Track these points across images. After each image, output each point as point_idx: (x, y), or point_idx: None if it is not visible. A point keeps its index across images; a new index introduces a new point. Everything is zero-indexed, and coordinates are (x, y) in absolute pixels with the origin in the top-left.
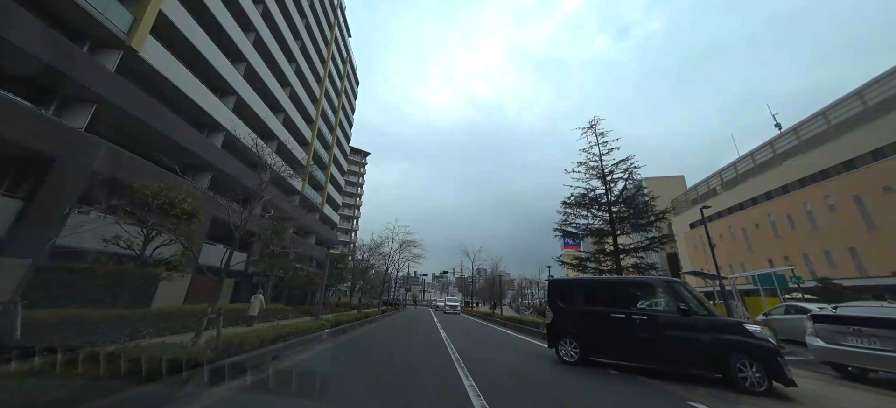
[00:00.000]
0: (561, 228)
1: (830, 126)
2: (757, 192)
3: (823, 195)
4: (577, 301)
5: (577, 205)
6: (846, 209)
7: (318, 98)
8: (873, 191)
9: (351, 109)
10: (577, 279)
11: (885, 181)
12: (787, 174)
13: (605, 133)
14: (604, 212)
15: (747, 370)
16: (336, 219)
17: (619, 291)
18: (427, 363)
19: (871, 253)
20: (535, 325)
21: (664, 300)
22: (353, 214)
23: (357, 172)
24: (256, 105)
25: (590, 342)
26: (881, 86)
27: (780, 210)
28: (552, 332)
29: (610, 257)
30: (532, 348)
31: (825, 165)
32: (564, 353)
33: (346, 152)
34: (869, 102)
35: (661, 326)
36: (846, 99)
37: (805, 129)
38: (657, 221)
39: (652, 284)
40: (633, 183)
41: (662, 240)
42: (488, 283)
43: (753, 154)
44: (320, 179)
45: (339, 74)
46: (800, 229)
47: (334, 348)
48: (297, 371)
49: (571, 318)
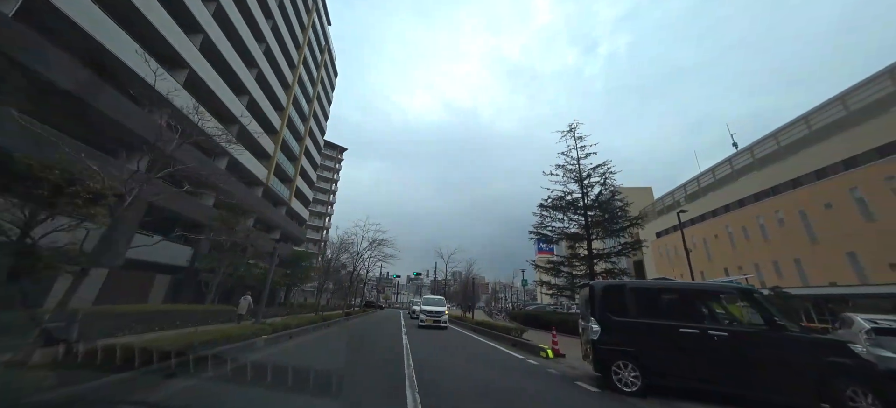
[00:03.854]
0: (537, 231)
1: (780, 147)
2: (717, 204)
3: (774, 210)
4: (631, 312)
5: (553, 208)
6: (793, 223)
7: (291, 85)
8: (816, 207)
9: (327, 101)
10: (630, 284)
11: (826, 199)
12: (744, 189)
13: (584, 137)
14: (579, 216)
15: (861, 400)
16: (306, 215)
17: (687, 299)
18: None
19: (812, 264)
20: (506, 330)
21: (744, 312)
22: (325, 211)
23: (332, 168)
24: (214, 83)
25: (653, 366)
26: (823, 113)
27: (737, 222)
28: (601, 353)
29: (583, 262)
30: (513, 361)
31: (776, 181)
32: (621, 380)
33: (320, 146)
34: (813, 126)
35: (749, 344)
36: (794, 123)
37: (758, 148)
38: (631, 227)
39: (727, 293)
40: (608, 188)
41: (635, 246)
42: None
43: (714, 169)
44: (289, 171)
45: (316, 63)
46: (753, 241)
47: (259, 362)
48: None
49: (628, 334)
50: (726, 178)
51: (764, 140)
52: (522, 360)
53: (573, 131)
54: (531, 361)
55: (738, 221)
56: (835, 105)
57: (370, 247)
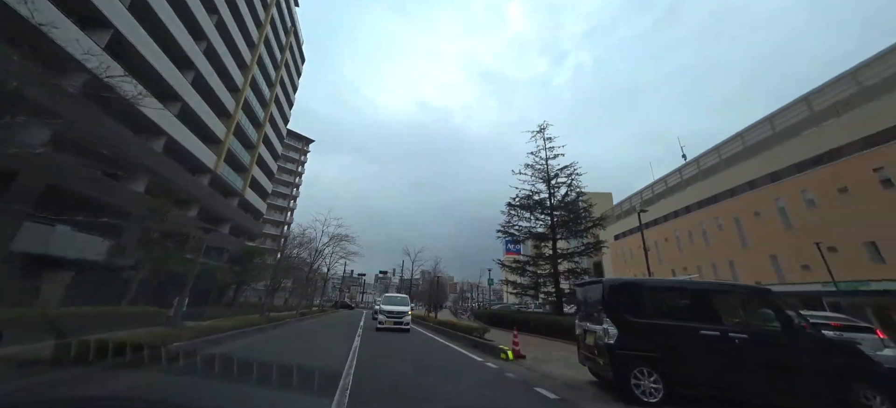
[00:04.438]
0: (504, 230)
1: (721, 160)
2: (668, 210)
3: (714, 216)
4: (649, 313)
5: (521, 207)
6: (729, 229)
7: (249, 65)
8: (748, 215)
9: (292, 88)
10: (646, 282)
11: (756, 208)
12: (690, 197)
13: (552, 139)
14: (546, 216)
15: (873, 403)
16: (263, 208)
17: (705, 299)
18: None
19: (743, 265)
20: (468, 330)
21: (760, 314)
22: (288, 205)
23: (296, 160)
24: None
25: (675, 372)
26: (754, 131)
27: (684, 227)
28: (620, 359)
29: (548, 261)
30: (470, 365)
31: (716, 191)
32: (642, 389)
33: (283, 135)
34: (747, 142)
35: (770, 348)
36: (731, 139)
37: (704, 160)
38: (593, 227)
39: (742, 293)
40: (574, 189)
41: (596, 246)
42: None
43: (666, 178)
44: (244, 159)
45: (280, 45)
46: (697, 244)
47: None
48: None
49: (647, 337)
50: (676, 186)
51: (707, 153)
52: (481, 363)
53: (543, 132)
54: (490, 364)
55: (684, 226)
56: (764, 125)
57: (331, 242)
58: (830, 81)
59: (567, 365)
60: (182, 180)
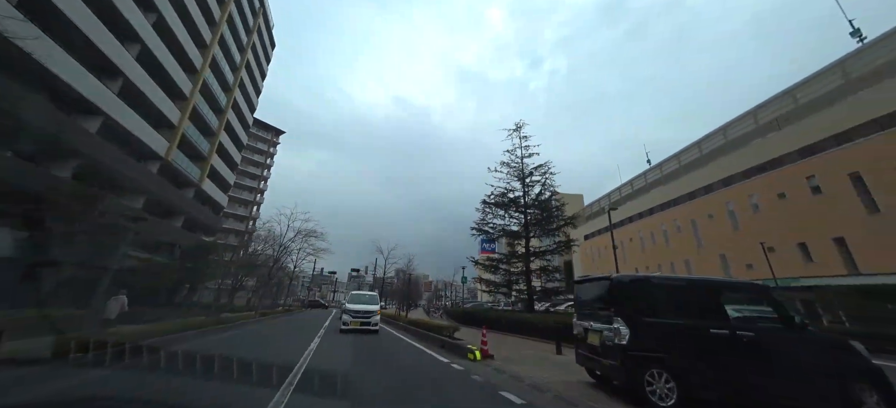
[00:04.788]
0: (479, 227)
1: (681, 165)
2: (632, 212)
3: (673, 219)
4: (660, 312)
5: (496, 205)
6: (687, 230)
7: (208, 44)
8: (702, 217)
9: (261, 75)
10: (655, 279)
11: (709, 211)
12: (653, 200)
13: (528, 137)
14: (520, 214)
15: (869, 401)
16: (224, 201)
17: (712, 297)
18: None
19: (697, 264)
20: (438, 329)
21: (760, 312)
22: (254, 199)
23: (264, 152)
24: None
25: (687, 374)
26: (710, 140)
27: (647, 228)
28: (634, 361)
29: (521, 259)
30: (435, 367)
31: (677, 194)
32: (655, 392)
33: (248, 124)
34: (703, 150)
35: (775, 347)
36: (690, 147)
37: (666, 165)
38: (565, 226)
39: (745, 289)
40: (548, 188)
41: (568, 245)
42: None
43: (632, 182)
44: (202, 147)
45: (246, 27)
46: (658, 244)
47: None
48: None
49: (659, 337)
50: (640, 190)
51: (669, 160)
52: (446, 364)
53: (519, 130)
54: (456, 365)
55: (647, 228)
56: (718, 135)
57: (298, 238)
58: (773, 98)
59: (537, 365)
60: (123, 167)
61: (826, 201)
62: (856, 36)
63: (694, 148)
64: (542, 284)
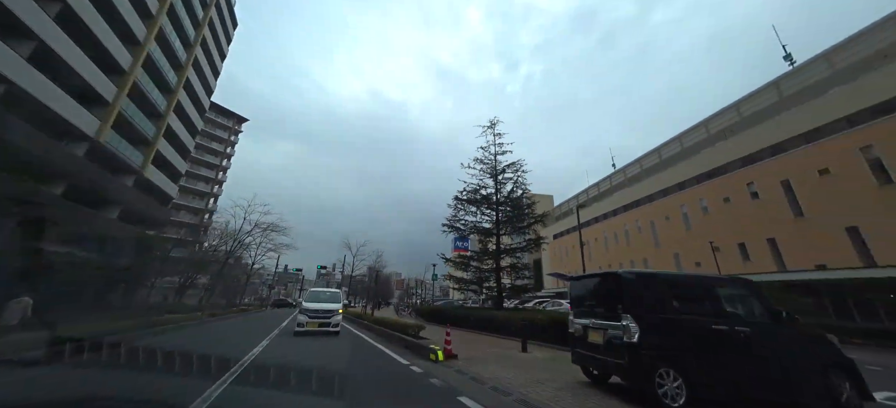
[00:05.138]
0: (450, 224)
1: (642, 170)
2: (598, 213)
3: (635, 219)
4: (666, 308)
5: (468, 201)
6: (646, 230)
7: (155, 15)
8: (660, 219)
9: (220, 55)
10: (660, 275)
11: (666, 213)
12: (617, 202)
13: (502, 135)
14: (491, 211)
15: (845, 391)
16: (173, 191)
17: (713, 293)
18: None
19: (654, 262)
20: (404, 328)
21: (752, 307)
22: (212, 190)
23: (224, 140)
24: None
25: (695, 372)
26: (667, 147)
27: (610, 229)
28: (645, 360)
29: (491, 256)
30: (393, 370)
31: (638, 197)
32: (666, 392)
33: (204, 107)
34: (662, 156)
35: (769, 341)
36: (650, 153)
37: (629, 169)
38: (535, 223)
39: (736, 284)
40: (520, 186)
41: (537, 242)
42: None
43: (599, 184)
44: (147, 130)
45: (203, 1)
46: (621, 244)
47: None
48: None
49: (668, 335)
50: (606, 192)
51: (632, 164)
52: (405, 366)
53: (493, 127)
54: (415, 368)
55: (611, 228)
56: (674, 143)
57: (257, 232)
58: (721, 110)
59: (501, 365)
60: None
61: (762, 206)
62: (788, 60)
63: (654, 154)
64: (512, 281)
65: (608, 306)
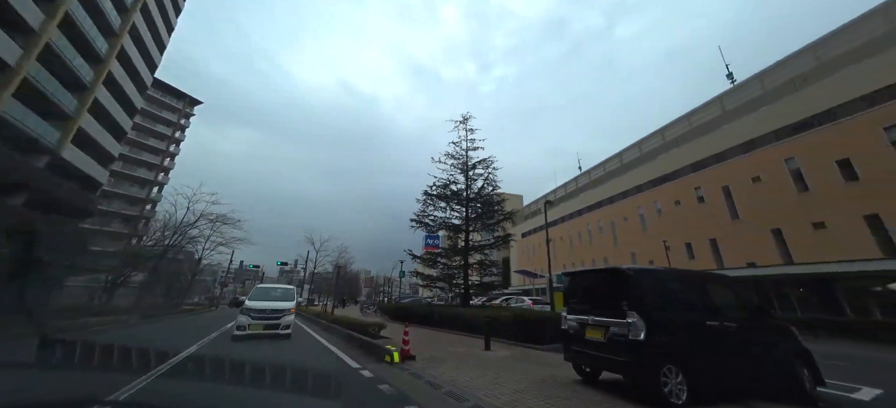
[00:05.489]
0: (418, 219)
1: (605, 172)
2: (564, 213)
3: (597, 219)
4: (668, 306)
5: (438, 196)
6: (607, 230)
7: None
8: (620, 219)
9: (167, 27)
10: (660, 271)
11: (625, 214)
12: (581, 203)
13: (474, 131)
14: (461, 207)
15: (806, 377)
16: (102, 177)
17: (705, 289)
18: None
19: (614, 260)
20: (363, 328)
21: (733, 301)
22: (155, 177)
23: (173, 123)
24: None
25: (696, 369)
26: (628, 152)
27: (575, 228)
28: (651, 359)
29: (460, 253)
30: (340, 375)
31: (601, 198)
32: (674, 392)
33: (145, 84)
34: (624, 160)
35: (751, 335)
36: (613, 157)
37: (594, 172)
38: (504, 220)
39: (721, 280)
40: (490, 183)
41: (506, 239)
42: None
43: (565, 186)
44: (67, 105)
45: None
46: (584, 243)
47: None
48: None
49: (670, 332)
50: (571, 193)
51: (596, 167)
52: (356, 370)
53: (465, 122)
54: (366, 372)
55: (575, 227)
56: (634, 148)
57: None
58: (675, 120)
59: (460, 366)
60: None
61: (707, 209)
62: (730, 78)
63: (616, 158)
64: (480, 278)
65: (610, 302)
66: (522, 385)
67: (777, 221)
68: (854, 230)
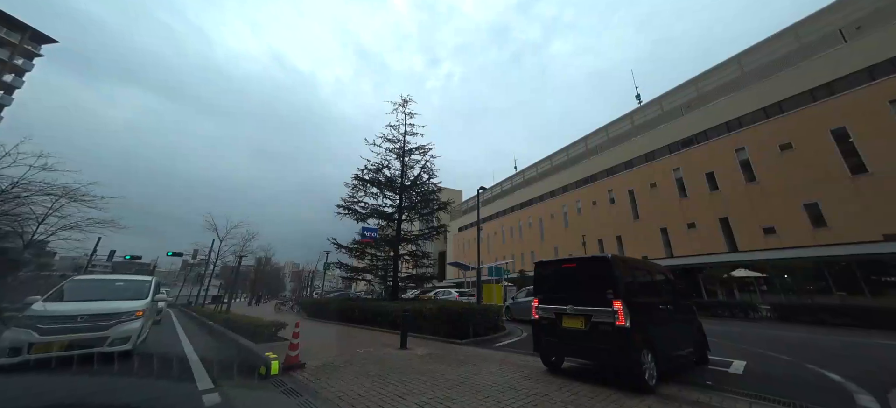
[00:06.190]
0: (346, 205)
1: (538, 173)
2: (498, 210)
3: (528, 216)
4: (639, 293)
5: (370, 181)
6: (535, 227)
7: None
8: (547, 217)
9: None
10: (631, 261)
11: (551, 211)
12: (515, 200)
13: (414, 115)
14: (395, 194)
15: (705, 345)
16: None
17: (654, 276)
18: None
19: (540, 254)
20: (254, 330)
21: (670, 287)
22: None
23: None
24: None
25: (660, 351)
26: (558, 156)
27: (508, 224)
28: (633, 343)
29: (390, 243)
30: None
31: (532, 196)
32: (648, 372)
33: None
34: (554, 162)
35: (679, 314)
36: (544, 160)
37: (528, 172)
38: (439, 210)
39: (661, 269)
40: (427, 172)
41: (439, 230)
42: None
43: (501, 184)
44: None
45: None
46: (515, 238)
47: None
48: None
49: (642, 316)
50: (508, 191)
51: (529, 168)
52: (199, 394)
53: (405, 105)
54: (216, 395)
55: (508, 223)
56: (562, 153)
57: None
58: (597, 130)
59: (362, 373)
60: None
61: (616, 209)
62: (637, 99)
63: (546, 161)
64: (412, 270)
65: (593, 291)
66: (426, 397)
67: (664, 222)
68: (712, 230)
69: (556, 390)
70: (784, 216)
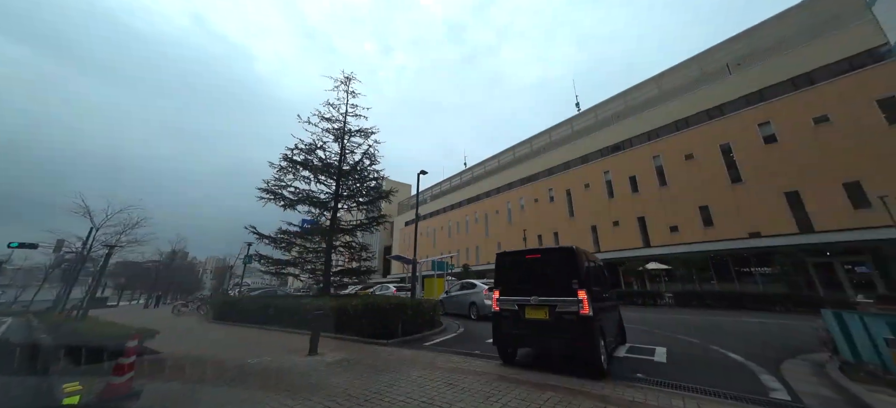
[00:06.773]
0: (272, 189)
1: (485, 171)
2: (445, 205)
3: (474, 212)
4: (593, 282)
5: (302, 164)
6: (481, 222)
7: None
8: (491, 212)
9: None
10: (584, 251)
11: (496, 208)
12: (462, 196)
13: (357, 95)
14: (331, 180)
15: (624, 330)
16: None
17: (599, 268)
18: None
19: (484, 250)
20: (113, 338)
21: (606, 279)
22: None
23: None
24: None
25: (608, 338)
26: (504, 155)
27: (454, 219)
28: (592, 331)
29: (323, 233)
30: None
31: (478, 192)
32: (604, 357)
33: None
34: (500, 161)
35: (611, 302)
36: (492, 158)
37: (477, 169)
38: (380, 199)
39: (599, 262)
40: (369, 157)
41: (380, 219)
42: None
43: (450, 180)
44: None
45: None
46: (462, 233)
47: None
48: None
49: (600, 306)
50: (456, 187)
51: (476, 165)
52: None
53: (348, 82)
54: None
55: (455, 219)
56: (508, 153)
57: None
58: (540, 133)
59: (229, 402)
60: None
61: (555, 207)
62: (577, 106)
63: (494, 159)
64: (350, 263)
65: (558, 281)
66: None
67: (595, 219)
68: (632, 227)
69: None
70: (685, 217)
